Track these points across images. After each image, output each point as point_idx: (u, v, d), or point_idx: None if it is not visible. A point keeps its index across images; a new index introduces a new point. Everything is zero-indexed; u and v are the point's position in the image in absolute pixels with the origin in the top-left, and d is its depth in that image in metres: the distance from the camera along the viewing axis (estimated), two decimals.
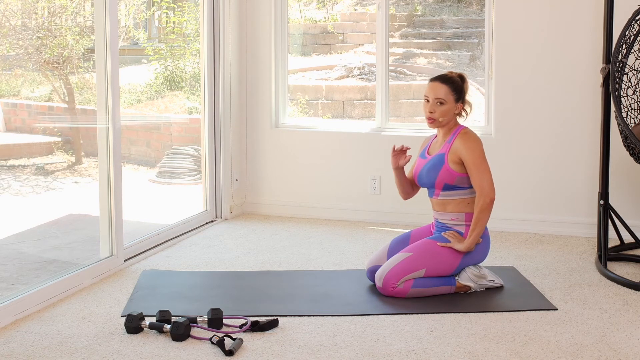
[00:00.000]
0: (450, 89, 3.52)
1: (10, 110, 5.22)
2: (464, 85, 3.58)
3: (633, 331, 3.02)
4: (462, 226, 3.52)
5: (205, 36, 4.91)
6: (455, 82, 3.54)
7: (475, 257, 3.52)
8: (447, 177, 3.50)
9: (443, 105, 3.50)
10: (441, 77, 3.56)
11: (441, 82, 3.53)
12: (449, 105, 3.51)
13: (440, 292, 3.46)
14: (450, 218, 3.54)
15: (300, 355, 2.79)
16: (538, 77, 4.64)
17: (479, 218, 3.43)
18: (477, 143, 3.48)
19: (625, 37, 3.81)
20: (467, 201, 3.51)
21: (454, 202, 3.52)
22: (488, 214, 3.45)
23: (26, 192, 4.91)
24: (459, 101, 3.55)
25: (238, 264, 4.03)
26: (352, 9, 8.98)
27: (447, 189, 3.52)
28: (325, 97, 7.45)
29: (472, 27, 8.19)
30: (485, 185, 3.43)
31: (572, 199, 4.63)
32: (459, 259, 3.47)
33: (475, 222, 3.44)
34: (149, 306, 3.27)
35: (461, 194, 3.51)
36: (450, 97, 3.51)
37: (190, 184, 6.00)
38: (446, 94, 3.51)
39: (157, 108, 6.62)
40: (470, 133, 3.54)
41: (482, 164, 3.46)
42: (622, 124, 3.75)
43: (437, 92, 3.51)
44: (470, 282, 3.50)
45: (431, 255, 3.43)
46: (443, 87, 3.51)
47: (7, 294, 3.33)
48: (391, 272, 3.40)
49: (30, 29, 4.76)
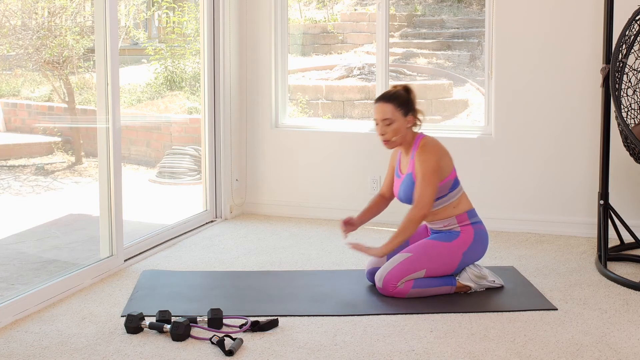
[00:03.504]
0: (394, 105, 3.44)
1: (10, 110, 5.23)
2: (410, 97, 3.49)
3: (633, 331, 3.02)
4: (456, 227, 3.51)
5: (205, 36, 4.91)
6: (399, 97, 3.46)
7: (475, 255, 3.52)
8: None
9: (392, 124, 3.43)
10: (383, 96, 3.49)
11: (384, 101, 3.46)
12: (398, 123, 3.44)
13: (441, 292, 3.46)
14: (443, 225, 3.53)
15: (300, 355, 2.79)
16: (538, 77, 4.64)
17: (404, 228, 3.38)
18: (431, 155, 3.41)
19: (625, 37, 3.81)
20: (453, 205, 3.50)
21: (440, 211, 3.50)
22: (415, 227, 3.40)
23: (26, 192, 4.91)
24: (408, 114, 3.46)
25: (238, 264, 4.03)
26: (352, 9, 8.98)
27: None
28: (325, 97, 7.45)
29: (472, 27, 8.19)
30: (424, 199, 3.37)
31: (572, 199, 4.63)
32: (459, 258, 3.46)
33: (400, 231, 3.38)
34: (149, 306, 3.27)
35: (444, 201, 3.48)
36: (398, 114, 3.44)
37: (190, 184, 6.00)
38: (392, 111, 3.43)
39: (157, 108, 6.62)
40: (428, 144, 3.46)
41: (430, 177, 3.38)
42: (622, 124, 3.75)
43: (382, 112, 3.45)
44: (470, 282, 3.50)
45: (431, 255, 3.43)
46: (387, 106, 3.44)
47: (7, 294, 3.33)
48: (391, 273, 3.40)
49: (30, 29, 4.76)
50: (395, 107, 3.43)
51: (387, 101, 3.45)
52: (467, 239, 3.48)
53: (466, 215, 3.52)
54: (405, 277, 3.38)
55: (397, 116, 3.44)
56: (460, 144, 4.82)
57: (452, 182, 3.49)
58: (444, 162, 3.45)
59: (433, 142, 3.49)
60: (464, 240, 3.47)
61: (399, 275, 3.38)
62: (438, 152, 3.44)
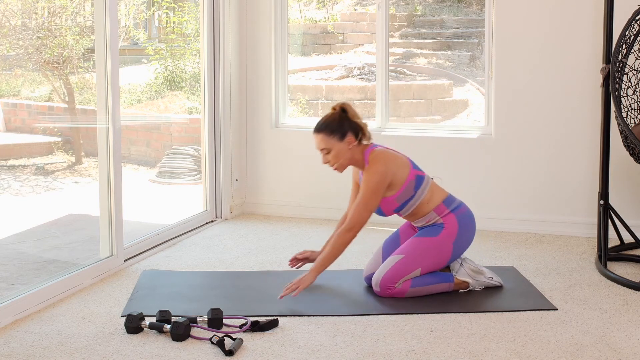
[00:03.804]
0: (326, 134, 3.40)
1: (10, 110, 5.23)
2: (344, 118, 3.42)
3: (633, 331, 3.02)
4: (437, 219, 3.47)
5: (205, 36, 4.91)
6: (329, 124, 3.41)
7: (466, 240, 3.48)
8: (390, 205, 3.46)
9: (331, 151, 3.42)
10: (316, 126, 3.45)
11: (316, 132, 3.44)
12: (336, 148, 3.41)
13: (439, 289, 3.46)
14: (425, 221, 3.51)
15: (300, 355, 2.79)
16: (538, 77, 4.64)
17: (334, 250, 3.34)
18: (374, 174, 3.36)
19: (625, 37, 3.81)
20: (425, 201, 3.46)
21: (415, 211, 3.48)
22: (344, 248, 3.36)
23: (26, 192, 4.91)
24: (345, 136, 3.40)
25: (238, 264, 4.03)
26: (352, 9, 8.99)
27: (401, 208, 3.48)
28: (325, 97, 7.45)
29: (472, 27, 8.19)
30: (358, 221, 3.34)
31: (572, 199, 4.63)
32: (450, 249, 3.43)
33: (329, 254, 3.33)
34: (149, 306, 3.27)
35: (414, 201, 3.46)
36: (333, 141, 3.40)
37: (190, 184, 6.00)
38: (326, 140, 3.41)
39: (157, 108, 6.62)
40: (373, 160, 3.40)
41: (369, 198, 3.35)
42: (622, 124, 3.75)
43: (318, 143, 3.44)
44: (468, 277, 3.50)
45: (422, 253, 3.40)
46: (320, 136, 3.42)
47: (7, 294, 3.33)
48: (386, 277, 3.39)
49: (30, 29, 4.76)
50: (327, 135, 3.40)
51: (319, 131, 3.42)
52: (452, 228, 3.44)
53: (443, 205, 3.47)
54: (401, 278, 3.38)
55: (332, 143, 3.40)
56: (460, 144, 4.82)
57: (414, 182, 3.44)
58: (395, 171, 3.40)
59: (380, 155, 3.42)
60: (449, 231, 3.44)
61: (394, 278, 3.38)
62: (384, 165, 3.38)
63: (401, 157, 3.49)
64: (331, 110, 3.48)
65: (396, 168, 3.41)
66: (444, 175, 4.81)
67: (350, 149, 3.42)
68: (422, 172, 3.51)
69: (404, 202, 3.45)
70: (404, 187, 3.42)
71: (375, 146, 3.48)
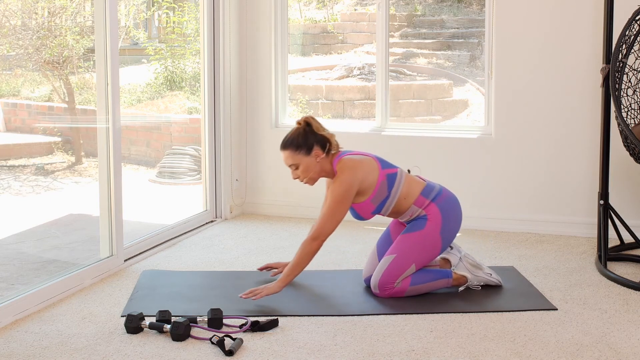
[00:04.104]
0: (292, 150, 3.38)
1: (10, 110, 5.23)
2: (309, 131, 3.40)
3: (633, 331, 3.02)
4: (420, 212, 3.44)
5: (205, 36, 4.91)
6: (294, 140, 3.38)
7: (453, 227, 3.46)
8: (366, 208, 3.44)
9: (299, 167, 3.41)
10: (282, 143, 3.43)
11: (282, 149, 3.42)
12: (304, 163, 3.39)
13: (438, 286, 3.46)
14: (409, 216, 3.48)
15: (300, 355, 2.79)
16: (538, 77, 4.64)
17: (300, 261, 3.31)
18: (340, 185, 3.33)
19: (625, 37, 3.81)
20: (402, 197, 3.43)
21: (396, 209, 3.46)
22: (311, 259, 3.34)
23: (26, 192, 4.91)
24: (312, 150, 3.37)
25: (238, 264, 4.03)
26: (352, 9, 8.99)
27: (379, 209, 3.46)
28: (325, 97, 7.45)
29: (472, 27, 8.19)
30: (323, 231, 3.32)
31: (572, 199, 4.63)
32: (439, 238, 3.40)
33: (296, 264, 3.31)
34: (149, 306, 3.27)
35: (391, 200, 3.44)
36: (299, 156, 3.38)
37: (190, 184, 6.00)
38: (293, 157, 3.39)
39: (157, 108, 6.62)
40: (340, 169, 3.37)
41: (335, 209, 3.33)
42: (622, 124, 3.75)
43: (285, 159, 3.43)
44: (466, 272, 3.49)
45: (412, 248, 3.38)
46: (286, 153, 3.41)
47: (7, 294, 3.33)
48: (382, 278, 3.39)
49: (30, 29, 4.76)
50: (293, 151, 3.39)
51: (285, 148, 3.41)
52: (435, 218, 3.41)
53: (422, 197, 3.44)
54: (397, 277, 3.37)
55: (299, 158, 3.39)
56: (460, 144, 4.82)
57: (386, 182, 3.42)
58: (363, 177, 3.37)
59: (347, 163, 3.39)
60: (434, 221, 3.41)
61: (391, 278, 3.37)
62: (350, 174, 3.35)
63: (369, 160, 3.45)
64: (296, 125, 3.45)
65: (364, 174, 3.38)
66: (444, 175, 4.82)
67: (318, 161, 3.40)
68: (393, 169, 3.47)
69: (380, 203, 3.43)
70: (377, 190, 3.40)
71: (342, 154, 3.45)
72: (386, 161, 3.52)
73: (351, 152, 3.51)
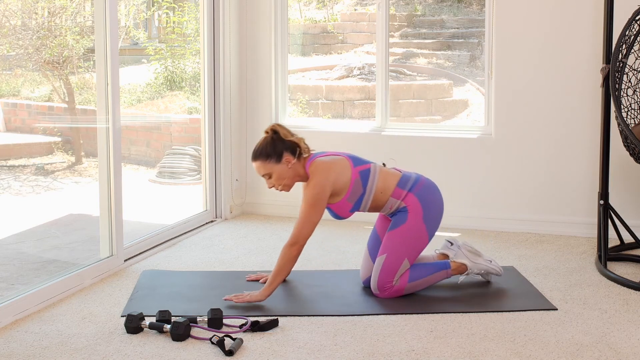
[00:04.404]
0: (262, 161, 3.38)
1: (10, 110, 5.23)
2: (277, 139, 3.39)
3: (633, 331, 3.02)
4: (399, 203, 3.42)
5: (205, 36, 4.91)
6: (263, 150, 3.37)
7: (434, 213, 3.44)
8: (343, 208, 3.43)
9: (272, 175, 3.40)
10: (252, 154, 3.43)
11: (253, 160, 3.42)
12: (276, 171, 3.38)
13: (437, 278, 3.46)
14: (389, 209, 3.46)
15: (300, 355, 2.79)
16: (538, 77, 4.64)
17: (282, 267, 3.29)
18: (312, 188, 3.32)
19: (625, 37, 3.81)
20: (379, 191, 3.42)
21: (374, 204, 3.45)
22: (292, 264, 3.32)
23: (26, 192, 4.91)
24: (282, 157, 3.36)
25: (238, 264, 4.03)
26: (352, 9, 8.99)
27: (356, 207, 3.45)
28: (325, 97, 7.45)
29: (472, 27, 8.19)
30: (300, 235, 3.31)
31: (572, 199, 4.63)
32: (423, 227, 3.38)
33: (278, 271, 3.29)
34: (149, 306, 3.27)
35: (368, 196, 3.42)
36: (270, 165, 3.37)
37: (190, 184, 6.00)
38: (264, 167, 3.38)
39: (157, 108, 6.63)
40: (312, 174, 3.36)
41: (309, 212, 3.31)
42: (622, 124, 3.75)
43: (258, 170, 3.42)
44: (465, 259, 3.49)
45: (400, 244, 3.37)
46: (257, 164, 3.40)
47: (7, 294, 3.33)
48: (380, 279, 3.39)
49: (30, 29, 4.76)
50: (264, 161, 3.38)
51: (255, 159, 3.40)
52: (415, 208, 3.39)
53: (398, 189, 3.43)
54: (394, 275, 3.37)
55: (270, 167, 3.38)
56: (460, 144, 4.82)
57: (360, 179, 3.40)
58: (335, 178, 3.36)
59: (318, 166, 3.37)
60: (414, 211, 3.39)
61: (387, 278, 3.37)
62: (322, 176, 3.34)
63: (340, 160, 3.42)
64: (264, 134, 3.45)
65: (336, 174, 3.37)
66: (444, 175, 4.82)
67: (290, 167, 3.39)
68: (365, 165, 3.45)
69: (357, 200, 3.42)
70: (351, 188, 3.39)
71: (314, 157, 3.44)
72: (359, 158, 3.50)
73: (323, 153, 3.49)
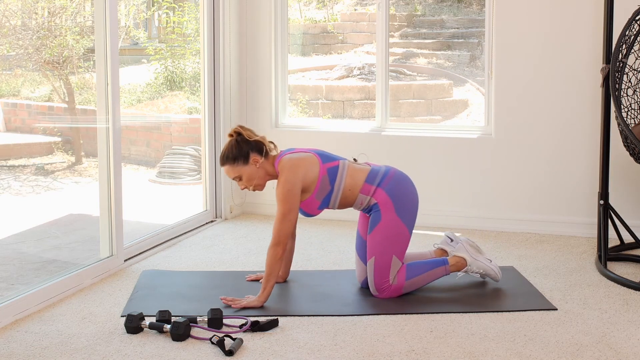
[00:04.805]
0: (230, 164, 3.38)
1: (10, 110, 5.23)
2: (241, 141, 3.39)
3: (633, 331, 3.02)
4: (370, 200, 3.39)
5: (205, 36, 4.91)
6: (229, 154, 3.38)
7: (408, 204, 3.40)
8: (312, 205, 3.41)
9: (242, 177, 3.40)
10: (220, 159, 3.43)
11: (221, 164, 3.43)
12: (246, 173, 3.39)
13: (436, 275, 3.45)
14: (360, 205, 3.44)
15: (300, 355, 2.79)
16: (538, 77, 4.64)
17: (271, 269, 3.27)
18: (282, 187, 3.31)
19: (625, 37, 3.81)
20: (347, 189, 3.41)
21: (343, 201, 3.43)
22: (280, 264, 3.30)
23: (26, 192, 4.91)
24: (249, 158, 3.37)
25: (238, 264, 4.03)
26: (352, 9, 8.99)
27: (325, 204, 3.43)
28: (325, 97, 7.45)
29: (472, 27, 8.19)
30: (280, 235, 3.28)
31: (572, 199, 4.63)
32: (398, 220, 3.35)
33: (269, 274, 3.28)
34: (149, 306, 3.27)
35: (336, 194, 3.40)
36: (238, 167, 3.38)
37: (190, 184, 6.00)
38: (233, 170, 3.39)
39: (157, 108, 6.63)
40: (281, 172, 3.36)
41: (283, 209, 3.29)
42: (622, 124, 3.75)
43: (227, 173, 3.43)
44: (466, 253, 3.48)
45: (382, 243, 3.35)
46: (226, 168, 3.41)
47: (7, 294, 3.33)
48: (376, 282, 3.39)
49: (30, 29, 4.76)
50: (232, 164, 3.39)
51: (223, 164, 3.41)
52: (385, 203, 3.37)
53: (367, 185, 3.40)
54: (389, 274, 3.36)
55: (239, 169, 3.39)
56: (460, 144, 4.82)
57: (327, 177, 3.38)
58: (304, 175, 3.34)
59: (286, 164, 3.37)
60: (385, 206, 3.36)
61: (383, 278, 3.37)
62: (291, 174, 3.33)
63: (308, 157, 3.41)
64: (228, 137, 3.45)
65: (305, 171, 3.36)
66: (444, 175, 4.82)
67: (259, 167, 3.40)
68: (334, 162, 3.43)
69: (325, 197, 3.41)
70: (319, 186, 3.38)
71: (282, 154, 3.44)
72: (328, 155, 3.48)
73: (291, 150, 3.48)
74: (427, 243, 4.27)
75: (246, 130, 3.43)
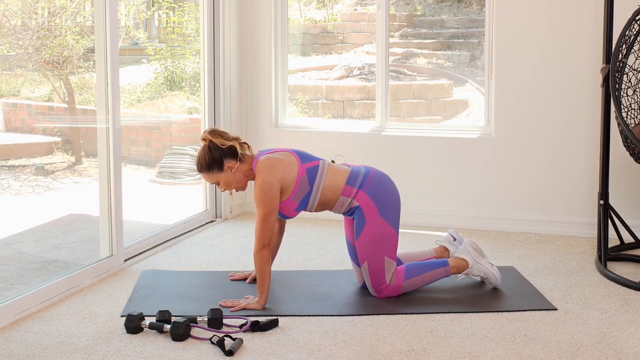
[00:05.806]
0: (206, 172, 3.36)
1: (10, 110, 5.23)
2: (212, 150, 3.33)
3: (633, 331, 3.02)
4: (352, 202, 3.36)
5: (205, 36, 4.91)
6: (204, 162, 3.34)
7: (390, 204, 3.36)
8: (290, 206, 3.36)
9: (220, 182, 3.38)
10: (196, 166, 3.40)
11: (198, 172, 3.40)
12: (223, 178, 3.35)
13: (435, 276, 3.44)
14: (340, 207, 3.40)
15: (300, 355, 2.79)
16: (538, 77, 4.64)
17: (262, 271, 3.23)
18: (259, 189, 3.25)
19: (625, 37, 3.81)
20: (327, 189, 3.35)
21: (323, 202, 3.39)
22: (269, 264, 3.26)
23: (26, 192, 4.91)
24: (224, 163, 3.32)
25: (238, 264, 4.03)
26: (352, 9, 8.99)
27: (303, 206, 3.38)
28: (325, 97, 7.45)
29: (472, 27, 8.19)
30: (262, 236, 3.23)
31: (572, 199, 4.63)
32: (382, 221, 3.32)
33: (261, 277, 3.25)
34: (149, 306, 3.27)
35: (315, 194, 3.36)
36: (215, 174, 3.34)
37: (190, 184, 6.00)
38: (210, 176, 3.37)
39: (157, 108, 6.63)
40: (258, 174, 3.31)
41: (262, 212, 3.24)
42: (622, 124, 3.75)
43: (206, 180, 3.44)
44: (468, 255, 3.47)
45: (371, 246, 3.32)
46: (203, 175, 3.39)
47: (7, 294, 3.33)
48: (373, 284, 3.38)
49: (30, 29, 4.76)
50: (207, 172, 3.36)
51: (200, 171, 3.39)
52: (368, 205, 3.33)
53: (348, 186, 3.36)
54: (384, 276, 3.35)
55: (216, 175, 3.36)
56: (460, 144, 4.82)
57: (306, 177, 3.33)
58: (282, 175, 3.29)
59: (263, 165, 3.31)
60: (367, 208, 3.33)
61: (379, 280, 3.36)
62: (268, 175, 3.27)
63: (286, 158, 3.36)
64: (202, 142, 3.40)
65: (283, 172, 3.30)
66: (444, 175, 4.82)
67: (235, 172, 3.36)
68: (313, 162, 3.38)
69: (303, 199, 3.36)
70: (297, 186, 3.32)
71: (260, 155, 3.39)
72: (307, 155, 3.43)
73: (269, 150, 3.43)
74: (427, 243, 4.27)
75: (217, 138, 3.35)
